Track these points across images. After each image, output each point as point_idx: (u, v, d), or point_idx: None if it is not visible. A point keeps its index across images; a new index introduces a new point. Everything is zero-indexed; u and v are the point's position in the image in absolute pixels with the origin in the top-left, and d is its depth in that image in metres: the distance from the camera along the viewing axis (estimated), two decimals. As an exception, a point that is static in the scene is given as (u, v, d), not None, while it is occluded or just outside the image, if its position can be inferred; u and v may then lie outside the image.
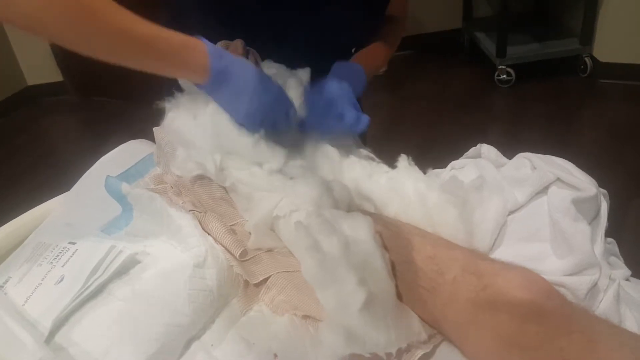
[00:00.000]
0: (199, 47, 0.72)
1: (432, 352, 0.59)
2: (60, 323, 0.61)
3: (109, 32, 0.66)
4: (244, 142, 0.76)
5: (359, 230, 0.63)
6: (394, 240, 0.66)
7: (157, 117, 0.88)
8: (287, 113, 0.80)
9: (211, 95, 0.76)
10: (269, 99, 0.76)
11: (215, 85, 0.74)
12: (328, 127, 0.84)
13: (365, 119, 0.83)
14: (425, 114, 2.86)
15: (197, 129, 0.79)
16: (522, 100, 2.86)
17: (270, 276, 0.67)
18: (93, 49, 0.67)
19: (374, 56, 1.00)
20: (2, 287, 0.68)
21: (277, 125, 0.79)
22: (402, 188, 0.74)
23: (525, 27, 3.20)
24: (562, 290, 0.59)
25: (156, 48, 0.69)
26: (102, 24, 0.65)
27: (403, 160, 0.79)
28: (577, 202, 0.68)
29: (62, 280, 0.65)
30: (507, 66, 2.93)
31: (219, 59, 0.73)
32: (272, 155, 0.76)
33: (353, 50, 1.03)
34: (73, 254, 0.69)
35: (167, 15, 0.96)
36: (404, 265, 0.64)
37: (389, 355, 0.57)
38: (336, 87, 0.86)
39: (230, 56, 0.75)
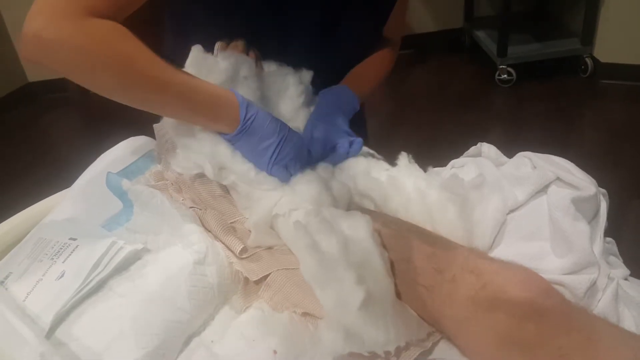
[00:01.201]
0: (231, 101, 0.73)
1: (430, 350, 0.60)
2: (61, 318, 0.61)
3: (145, 83, 0.67)
4: (236, 169, 0.76)
5: (358, 229, 0.63)
6: (393, 238, 0.66)
7: (156, 114, 0.87)
8: (309, 152, 0.81)
9: (234, 144, 0.76)
10: (293, 148, 0.76)
11: (240, 136, 0.74)
12: (326, 159, 0.84)
13: (358, 143, 0.83)
14: (425, 113, 2.86)
15: (195, 139, 0.79)
16: (522, 99, 2.86)
17: (270, 274, 0.68)
18: (129, 98, 0.68)
19: (362, 78, 0.99)
20: (3, 282, 0.68)
21: (300, 166, 0.78)
22: (402, 186, 0.74)
23: (526, 26, 3.19)
24: (561, 289, 0.59)
25: (192, 101, 0.71)
26: (139, 75, 0.66)
27: (403, 158, 0.80)
28: (576, 202, 0.68)
29: (62, 276, 0.65)
30: (508, 66, 2.93)
31: (247, 111, 0.73)
32: (264, 183, 0.76)
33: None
34: (74, 250, 0.69)
35: (173, 29, 0.96)
36: (403, 264, 0.64)
37: (387, 353, 0.57)
38: (324, 121, 0.85)
39: (256, 108, 0.75)
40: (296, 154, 0.76)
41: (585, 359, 0.49)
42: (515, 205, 0.73)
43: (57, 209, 0.85)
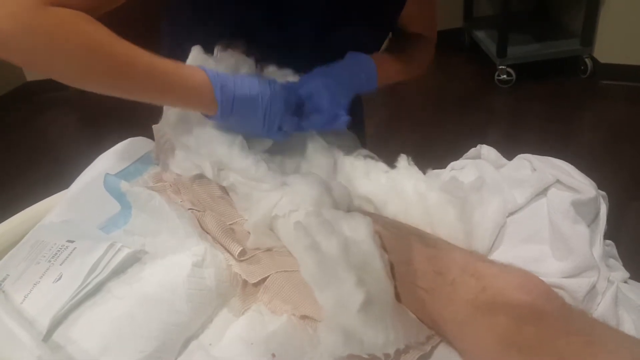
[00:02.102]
0: (203, 80, 0.72)
1: (430, 353, 0.59)
2: (58, 321, 0.61)
3: (109, 67, 0.65)
4: (236, 166, 0.76)
5: (358, 231, 0.63)
6: (393, 240, 0.66)
7: (156, 114, 0.87)
8: (299, 106, 0.80)
9: (224, 124, 0.76)
10: (280, 106, 0.76)
11: (225, 117, 0.74)
12: (306, 117, 0.83)
13: (343, 119, 0.81)
14: (425, 114, 2.86)
15: (194, 139, 0.78)
16: (522, 100, 2.86)
17: (268, 276, 0.67)
18: (94, 83, 0.67)
19: (390, 64, 0.97)
20: (0, 285, 0.68)
21: (291, 123, 0.78)
22: (402, 188, 0.74)
23: (526, 27, 3.20)
24: (560, 292, 0.59)
25: (161, 83, 0.69)
26: (103, 58, 0.65)
27: (403, 160, 0.79)
28: (576, 204, 0.68)
29: (60, 278, 0.65)
30: (508, 66, 2.93)
31: (223, 88, 0.72)
32: (265, 179, 0.75)
33: None
34: (71, 252, 0.69)
35: (169, 35, 0.96)
36: (402, 266, 0.64)
37: (386, 356, 0.57)
38: (327, 78, 0.84)
39: (232, 83, 0.73)
40: (286, 109, 0.76)
41: (585, 363, 0.48)
42: (514, 208, 0.73)
43: (54, 210, 0.85)
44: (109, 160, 0.93)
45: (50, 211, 0.85)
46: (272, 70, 0.88)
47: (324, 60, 0.87)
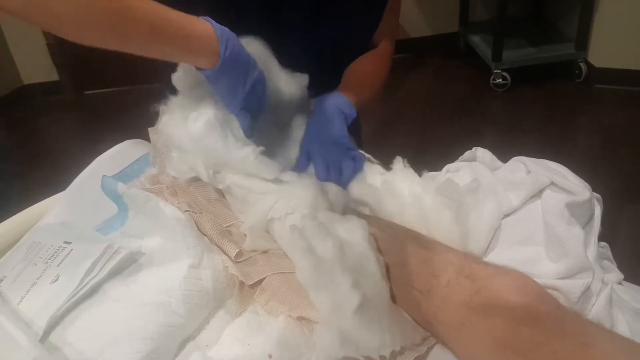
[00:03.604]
0: (208, 32, 0.71)
1: (425, 355, 0.60)
2: (55, 323, 0.61)
3: (110, 14, 0.63)
4: (234, 156, 0.76)
5: (354, 233, 0.63)
6: (389, 242, 0.66)
7: (153, 117, 0.88)
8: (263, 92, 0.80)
9: (212, 82, 0.75)
10: (260, 92, 0.77)
11: (220, 72, 0.72)
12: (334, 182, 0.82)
13: (360, 159, 0.81)
14: (420, 117, 2.87)
15: (188, 139, 0.79)
16: (517, 104, 2.87)
17: (265, 277, 0.68)
18: (93, 35, 0.64)
19: (358, 85, 0.96)
20: (-4, 286, 0.68)
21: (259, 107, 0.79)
22: (398, 190, 0.74)
23: (521, 31, 3.21)
24: (555, 293, 0.59)
25: (164, 31, 0.67)
26: (104, 6, 0.62)
27: (398, 163, 0.80)
28: (570, 206, 0.69)
29: (57, 279, 0.65)
30: (503, 70, 2.94)
31: (227, 43, 0.71)
32: (265, 168, 0.76)
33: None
34: (68, 254, 0.69)
35: None
36: (398, 268, 0.64)
37: (382, 357, 0.57)
38: (322, 139, 0.84)
39: (235, 41, 0.73)
40: (261, 100, 0.78)
41: (580, 363, 0.49)
42: (509, 210, 0.73)
43: (51, 212, 0.85)
44: (105, 163, 0.93)
45: (48, 213, 0.85)
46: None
47: (315, 49, 0.87)
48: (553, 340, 0.50)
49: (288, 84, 0.85)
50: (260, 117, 0.81)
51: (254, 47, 0.79)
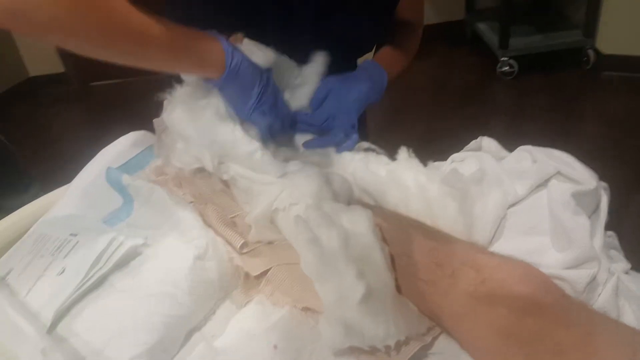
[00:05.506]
0: (215, 44, 0.72)
1: (430, 344, 0.60)
2: (61, 314, 0.62)
3: (126, 33, 0.64)
4: (241, 151, 0.76)
5: (359, 224, 0.63)
6: (394, 233, 0.66)
7: (158, 108, 0.87)
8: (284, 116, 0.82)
9: (220, 90, 0.77)
10: (271, 95, 0.78)
11: (227, 82, 0.74)
12: (315, 140, 0.86)
13: (352, 140, 0.84)
14: (426, 106, 2.86)
15: (194, 129, 0.79)
16: (524, 92, 2.86)
17: (270, 268, 0.68)
18: (109, 52, 0.66)
19: (393, 62, 0.99)
20: (4, 278, 0.69)
21: (274, 125, 0.80)
22: (402, 180, 0.74)
23: (528, 18, 3.18)
24: (561, 283, 0.59)
25: (176, 48, 0.69)
26: (119, 25, 0.63)
27: (403, 152, 0.79)
28: (577, 196, 0.68)
29: (63, 271, 0.66)
30: (510, 58, 2.92)
31: (233, 56, 0.73)
32: (270, 167, 0.76)
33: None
34: (74, 246, 0.70)
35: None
36: (403, 258, 0.64)
37: (387, 347, 0.57)
38: (340, 100, 0.86)
39: (241, 54, 0.75)
40: (275, 102, 0.78)
41: (584, 353, 0.49)
42: (515, 200, 0.73)
43: (58, 204, 0.85)
44: (111, 154, 0.93)
45: (54, 205, 0.86)
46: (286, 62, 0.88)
47: (323, 46, 0.87)
48: (557, 329, 0.50)
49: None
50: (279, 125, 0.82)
51: (264, 55, 0.81)
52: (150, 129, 0.94)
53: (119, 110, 3.17)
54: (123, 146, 0.95)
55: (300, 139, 0.87)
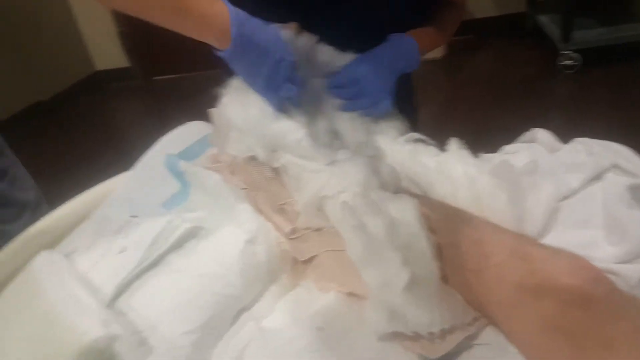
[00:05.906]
0: (222, 14, 0.71)
1: (476, 335, 0.59)
2: (121, 290, 0.65)
3: None
4: (289, 140, 0.78)
5: (405, 212, 0.64)
6: (441, 222, 0.66)
7: (215, 100, 0.90)
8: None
9: (231, 63, 0.76)
10: (286, 70, 0.76)
11: (235, 54, 0.73)
12: (348, 100, 0.86)
13: (386, 102, 0.85)
14: (483, 99, 2.80)
15: (246, 120, 0.81)
16: (586, 86, 2.75)
17: (317, 254, 0.69)
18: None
19: (422, 34, 0.97)
20: (69, 255, 0.73)
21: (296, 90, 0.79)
22: (451, 171, 0.74)
23: (593, 10, 3.05)
24: (613, 277, 0.58)
25: (182, 5, 0.69)
26: None
27: (453, 144, 0.79)
28: (633, 189, 0.66)
29: (124, 250, 0.69)
30: (573, 51, 2.81)
31: (240, 26, 0.71)
32: (319, 154, 0.77)
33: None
34: (135, 227, 0.73)
35: None
36: (450, 248, 0.64)
37: (431, 334, 0.57)
38: (371, 64, 0.86)
39: (253, 23, 0.73)
40: (289, 77, 0.77)
41: (634, 349, 0.48)
42: (569, 192, 0.71)
43: (120, 189, 0.90)
44: (169, 142, 0.97)
45: (116, 189, 0.90)
46: (328, 51, 0.89)
47: (337, 30, 0.87)
48: (606, 323, 0.49)
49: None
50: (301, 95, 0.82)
51: (286, 33, 0.80)
52: (207, 119, 0.97)
53: (179, 103, 3.27)
54: (181, 135, 0.99)
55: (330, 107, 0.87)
